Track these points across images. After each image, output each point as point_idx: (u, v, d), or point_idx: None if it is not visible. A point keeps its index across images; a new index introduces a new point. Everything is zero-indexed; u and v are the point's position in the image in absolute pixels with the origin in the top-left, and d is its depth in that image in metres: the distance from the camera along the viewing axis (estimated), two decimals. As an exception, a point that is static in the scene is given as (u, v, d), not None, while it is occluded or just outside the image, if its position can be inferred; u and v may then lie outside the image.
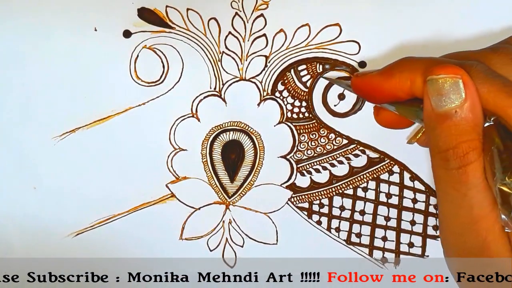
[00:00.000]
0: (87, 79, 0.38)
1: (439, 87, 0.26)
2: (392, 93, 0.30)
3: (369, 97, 0.32)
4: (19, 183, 0.39)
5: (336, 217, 0.39)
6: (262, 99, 0.38)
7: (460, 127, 0.26)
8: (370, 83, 0.31)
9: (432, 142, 0.27)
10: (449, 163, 0.26)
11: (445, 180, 0.26)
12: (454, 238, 0.27)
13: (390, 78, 0.29)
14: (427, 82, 0.27)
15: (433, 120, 0.27)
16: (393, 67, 0.30)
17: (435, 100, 0.26)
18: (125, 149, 0.38)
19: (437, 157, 0.27)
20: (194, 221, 0.39)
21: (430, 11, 0.37)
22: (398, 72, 0.29)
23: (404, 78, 0.29)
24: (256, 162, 0.39)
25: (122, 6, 0.37)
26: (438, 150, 0.27)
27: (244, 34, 0.37)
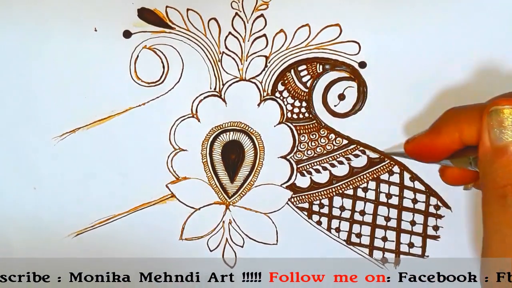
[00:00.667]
0: (87, 79, 0.38)
1: (503, 118, 0.26)
2: (443, 148, 0.30)
3: (426, 158, 0.32)
4: (19, 183, 0.39)
5: (336, 217, 0.39)
6: (262, 100, 0.38)
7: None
8: (422, 145, 0.31)
9: (488, 178, 0.26)
10: (506, 200, 0.25)
11: (500, 217, 0.26)
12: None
13: (438, 135, 0.30)
14: (490, 113, 0.26)
15: (491, 155, 0.26)
16: (439, 123, 0.30)
17: (496, 132, 0.26)
18: (125, 149, 0.38)
19: (493, 193, 0.26)
20: (194, 221, 0.39)
21: (430, 11, 0.37)
22: (445, 127, 0.29)
23: (452, 131, 0.29)
24: (256, 163, 0.39)
25: (122, 6, 0.37)
26: (495, 185, 0.26)
27: (244, 34, 0.37)
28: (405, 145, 0.33)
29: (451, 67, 0.37)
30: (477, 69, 0.37)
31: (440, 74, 0.37)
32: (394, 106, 0.38)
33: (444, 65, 0.37)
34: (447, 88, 0.38)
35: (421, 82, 0.38)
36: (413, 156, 0.33)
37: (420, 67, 0.38)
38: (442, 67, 0.37)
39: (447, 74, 0.37)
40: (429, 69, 0.38)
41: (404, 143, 0.33)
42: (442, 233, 0.39)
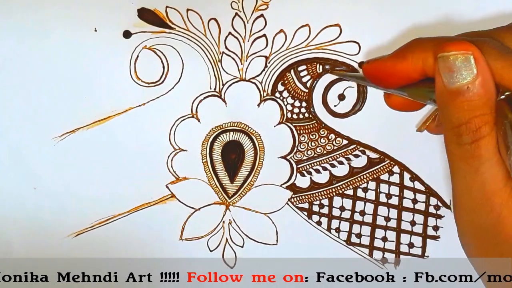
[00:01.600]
0: (87, 79, 0.38)
1: (450, 63, 0.26)
2: (405, 74, 0.30)
3: (381, 82, 0.32)
4: (19, 183, 0.39)
5: (336, 217, 0.39)
6: (262, 100, 0.38)
7: (472, 103, 0.26)
8: (383, 67, 0.31)
9: (445, 118, 0.27)
10: (461, 138, 0.26)
11: (458, 155, 0.27)
12: (468, 215, 0.27)
13: (403, 60, 0.29)
14: (438, 59, 0.27)
15: (446, 97, 0.27)
16: (405, 49, 0.30)
17: (446, 77, 0.26)
18: (125, 150, 0.38)
19: (450, 133, 0.27)
20: (194, 222, 0.39)
21: (430, 11, 0.37)
22: (410, 53, 0.29)
23: (416, 58, 0.29)
24: (256, 163, 0.39)
25: (122, 7, 0.37)
26: (451, 126, 0.27)
27: (244, 34, 0.37)
28: (364, 65, 0.33)
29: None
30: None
31: (440, 74, 0.37)
32: (394, 106, 0.38)
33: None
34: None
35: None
36: (370, 78, 0.32)
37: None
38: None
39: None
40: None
41: (364, 63, 0.33)
42: (442, 233, 0.39)
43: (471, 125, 0.26)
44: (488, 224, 0.26)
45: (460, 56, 0.26)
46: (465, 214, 0.28)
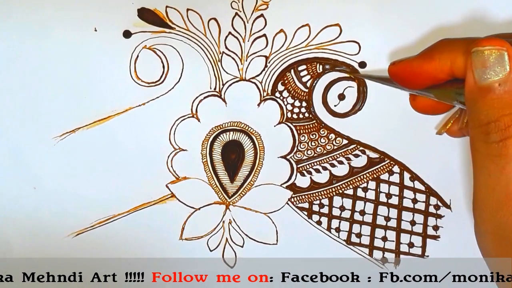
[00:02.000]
0: (87, 79, 0.38)
1: (484, 58, 0.26)
2: (432, 75, 0.30)
3: (408, 83, 0.32)
4: (19, 183, 0.39)
5: (336, 217, 0.39)
6: (262, 99, 0.38)
7: (503, 100, 0.26)
8: (410, 68, 0.31)
9: (473, 116, 0.27)
10: (489, 136, 0.26)
11: (484, 153, 0.26)
12: (489, 214, 0.27)
13: (430, 60, 0.29)
14: (472, 53, 0.27)
15: (476, 93, 0.26)
16: (432, 49, 0.30)
17: (478, 72, 0.26)
18: (125, 149, 0.38)
19: (478, 131, 0.26)
20: (194, 221, 0.39)
21: (430, 10, 0.37)
22: (438, 53, 0.29)
23: (444, 59, 0.29)
24: (256, 162, 0.39)
25: (122, 6, 0.37)
26: (479, 123, 0.26)
27: (244, 34, 0.37)
28: (390, 67, 0.32)
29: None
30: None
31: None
32: (394, 106, 0.38)
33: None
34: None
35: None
36: (396, 79, 0.32)
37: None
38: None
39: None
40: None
41: (390, 64, 0.32)
42: (442, 233, 0.39)
43: (500, 123, 0.26)
44: (510, 225, 0.26)
45: (495, 52, 0.26)
46: (487, 212, 0.27)
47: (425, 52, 0.30)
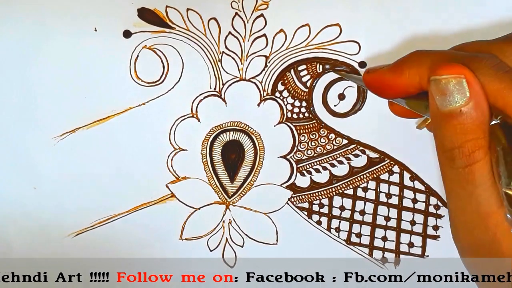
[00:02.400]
0: (87, 79, 0.38)
1: (442, 87, 0.26)
2: (402, 88, 0.29)
3: (381, 93, 0.32)
4: (19, 183, 0.39)
5: (336, 217, 0.39)
6: (262, 99, 0.38)
7: (465, 126, 0.25)
8: (381, 79, 0.31)
9: (438, 141, 0.27)
10: (455, 162, 0.26)
11: (452, 179, 0.26)
12: (465, 234, 0.27)
13: (400, 74, 0.29)
14: (430, 82, 0.26)
15: (438, 119, 0.26)
16: (402, 62, 0.29)
17: (439, 100, 0.26)
18: (125, 149, 0.38)
19: (443, 156, 0.27)
20: (194, 221, 0.39)
21: (430, 10, 0.37)
22: (407, 68, 0.29)
23: (413, 74, 0.28)
24: (256, 162, 0.39)
25: (122, 6, 0.37)
26: (444, 149, 0.26)
27: (244, 34, 0.37)
28: (364, 75, 0.32)
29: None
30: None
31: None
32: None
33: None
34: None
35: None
36: (370, 88, 0.32)
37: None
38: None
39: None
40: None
41: (364, 73, 0.32)
42: (442, 233, 0.39)
43: (464, 149, 0.26)
44: (485, 243, 0.26)
45: (453, 80, 0.26)
46: (462, 233, 0.28)
47: (395, 64, 0.30)
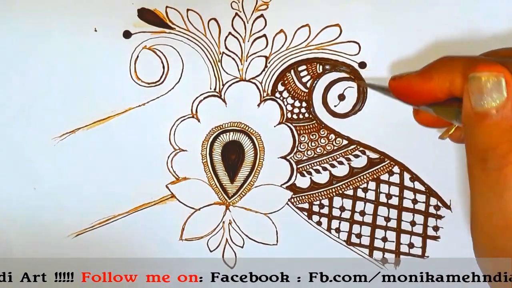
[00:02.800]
0: (87, 79, 0.38)
1: (481, 85, 0.25)
2: (431, 94, 0.29)
3: (408, 99, 0.31)
4: (19, 183, 0.39)
5: (336, 217, 0.39)
6: (262, 100, 0.38)
7: (501, 127, 0.25)
8: (409, 85, 0.30)
9: (470, 141, 0.26)
10: (487, 163, 0.25)
11: (482, 180, 0.26)
12: (487, 240, 0.27)
13: (429, 80, 0.29)
14: (469, 79, 0.26)
15: (472, 119, 0.26)
16: (431, 68, 0.29)
17: (475, 99, 0.26)
18: (125, 150, 0.38)
19: (475, 157, 0.26)
20: (194, 222, 0.39)
21: (430, 10, 0.37)
22: (437, 73, 0.28)
23: (443, 79, 0.28)
24: (256, 163, 0.39)
25: (122, 7, 0.37)
26: (476, 149, 0.26)
27: (244, 34, 0.37)
28: (391, 81, 0.32)
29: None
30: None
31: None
32: (394, 106, 0.38)
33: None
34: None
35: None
36: (396, 95, 0.32)
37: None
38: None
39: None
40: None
41: (390, 79, 0.32)
42: (442, 233, 0.39)
43: (498, 150, 0.25)
44: (508, 251, 0.26)
45: (492, 78, 0.25)
46: (484, 238, 0.27)
47: (424, 70, 0.30)
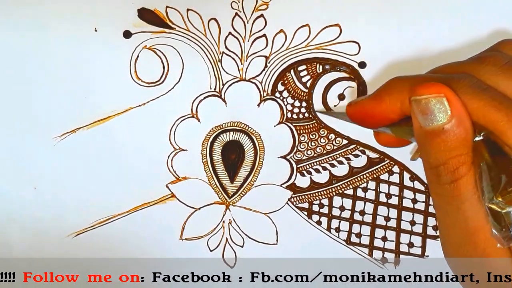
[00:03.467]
0: (87, 79, 0.38)
1: (423, 107, 0.26)
2: (385, 116, 0.30)
3: (366, 124, 0.32)
4: (19, 183, 0.39)
5: (336, 217, 0.39)
6: (262, 100, 0.38)
7: (449, 143, 0.26)
8: (363, 109, 0.31)
9: (424, 158, 0.27)
10: (440, 178, 0.26)
11: (439, 194, 0.27)
12: (454, 249, 0.27)
13: (381, 102, 0.29)
14: (411, 102, 0.27)
15: (423, 138, 0.27)
16: (381, 91, 0.30)
17: (421, 119, 0.26)
18: (125, 149, 0.38)
19: (430, 173, 0.27)
20: (194, 221, 0.39)
21: (430, 10, 0.37)
22: (387, 95, 0.29)
23: (393, 100, 0.29)
24: (256, 163, 0.39)
25: (122, 7, 0.37)
26: (430, 166, 0.27)
27: (244, 34, 0.37)
28: (347, 108, 0.32)
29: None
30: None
31: (440, 74, 0.38)
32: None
33: (444, 65, 0.37)
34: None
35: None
36: (354, 120, 0.32)
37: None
38: (442, 67, 0.37)
39: (447, 74, 0.38)
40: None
41: (347, 105, 0.33)
42: (442, 233, 0.39)
43: (449, 165, 0.26)
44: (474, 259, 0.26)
45: (433, 99, 0.26)
46: (452, 249, 0.28)
47: (375, 93, 0.30)
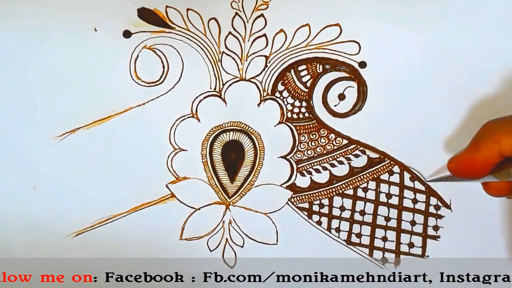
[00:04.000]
0: (87, 79, 0.38)
1: None
2: (485, 163, 0.31)
3: (470, 175, 0.33)
4: (19, 183, 0.39)
5: (336, 217, 0.39)
6: (262, 99, 0.38)
7: None
8: (464, 162, 0.32)
9: None
10: None
11: None
12: None
13: (478, 149, 0.30)
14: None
15: None
16: (477, 138, 0.31)
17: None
18: (125, 149, 0.38)
19: None
20: (194, 221, 0.39)
21: (430, 10, 0.37)
22: (483, 140, 0.30)
23: (490, 145, 0.30)
24: (256, 162, 0.39)
25: (122, 6, 0.37)
26: None
27: (244, 34, 0.37)
28: (448, 164, 0.34)
29: (451, 67, 0.37)
30: (477, 69, 0.37)
31: (440, 74, 0.38)
32: (394, 106, 0.38)
33: (443, 64, 0.37)
34: (446, 87, 0.38)
35: (421, 82, 0.38)
36: (457, 174, 0.33)
37: (419, 67, 0.38)
38: (441, 67, 0.37)
39: (446, 74, 0.38)
40: (429, 69, 0.38)
41: (447, 163, 0.34)
42: (442, 233, 0.39)
43: None
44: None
45: None
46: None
47: (471, 143, 0.31)
